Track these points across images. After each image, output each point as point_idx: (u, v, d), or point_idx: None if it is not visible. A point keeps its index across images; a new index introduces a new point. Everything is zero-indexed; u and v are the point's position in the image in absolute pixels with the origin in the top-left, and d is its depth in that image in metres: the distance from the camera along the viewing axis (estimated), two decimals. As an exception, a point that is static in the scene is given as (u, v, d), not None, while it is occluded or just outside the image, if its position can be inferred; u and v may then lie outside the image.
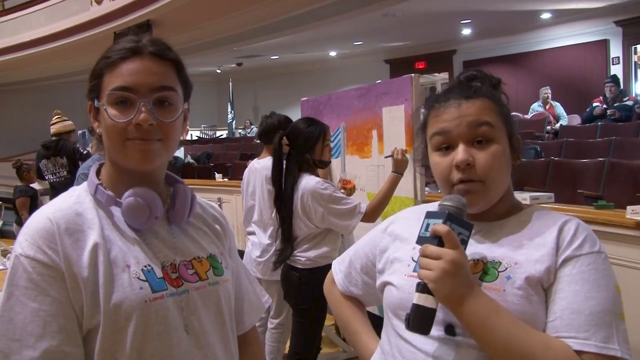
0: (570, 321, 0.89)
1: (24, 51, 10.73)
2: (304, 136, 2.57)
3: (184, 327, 0.95)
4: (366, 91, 3.09)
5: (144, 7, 8.37)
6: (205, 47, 10.56)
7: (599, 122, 6.83)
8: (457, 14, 10.27)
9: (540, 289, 0.94)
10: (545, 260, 0.94)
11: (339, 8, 8.19)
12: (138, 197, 0.94)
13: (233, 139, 12.50)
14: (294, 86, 14.51)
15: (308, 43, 12.24)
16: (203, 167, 8.01)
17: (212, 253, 1.05)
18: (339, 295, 1.26)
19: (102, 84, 0.96)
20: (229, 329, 1.04)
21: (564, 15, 10.57)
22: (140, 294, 0.91)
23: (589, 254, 0.94)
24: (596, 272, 0.92)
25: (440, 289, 0.90)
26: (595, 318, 0.89)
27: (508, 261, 0.96)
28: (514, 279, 0.94)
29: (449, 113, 1.01)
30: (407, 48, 13.28)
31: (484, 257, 0.99)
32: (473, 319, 0.90)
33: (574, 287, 0.92)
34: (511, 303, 0.92)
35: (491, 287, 0.94)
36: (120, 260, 0.92)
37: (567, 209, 3.04)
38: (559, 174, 4.44)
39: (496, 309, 0.90)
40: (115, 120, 0.94)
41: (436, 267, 0.90)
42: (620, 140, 5.33)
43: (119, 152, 0.96)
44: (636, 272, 2.59)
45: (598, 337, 0.88)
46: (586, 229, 0.98)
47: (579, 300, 0.90)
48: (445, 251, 0.91)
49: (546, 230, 0.98)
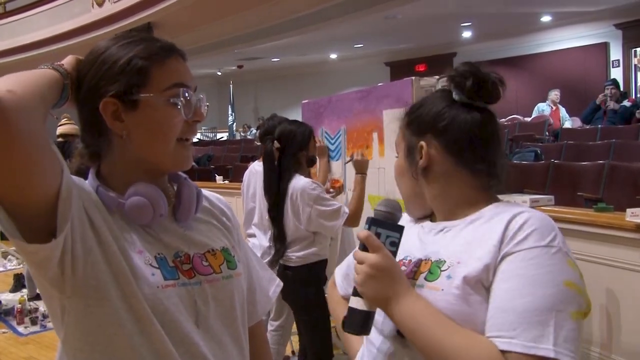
0: (500, 320, 0.86)
1: (25, 53, 10.74)
2: (300, 135, 2.65)
3: (194, 319, 0.93)
4: (367, 94, 3.10)
5: (145, 9, 8.39)
6: (206, 49, 10.59)
7: (599, 124, 6.84)
8: (457, 16, 10.29)
9: (481, 288, 0.90)
10: (485, 258, 0.91)
11: (340, 10, 8.21)
12: (141, 196, 0.92)
13: (233, 141, 12.49)
14: (295, 88, 14.53)
15: (309, 45, 12.27)
16: (203, 169, 8.00)
17: (225, 246, 1.04)
18: (337, 296, 1.29)
19: (149, 80, 0.91)
20: (239, 324, 1.02)
21: (564, 18, 10.59)
22: (152, 279, 0.89)
23: (530, 249, 0.88)
24: (537, 268, 0.87)
25: (366, 291, 0.94)
26: (526, 315, 0.84)
27: (452, 260, 0.95)
28: (453, 278, 0.92)
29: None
30: (408, 51, 13.30)
31: (433, 256, 0.99)
32: (400, 319, 0.92)
33: (507, 284, 0.87)
34: (447, 302, 0.91)
35: (432, 286, 0.95)
36: (131, 246, 0.90)
37: (566, 212, 3.04)
38: (559, 177, 4.44)
39: (421, 308, 0.91)
40: (174, 116, 0.92)
41: (360, 271, 0.94)
42: (620, 142, 5.32)
43: (164, 150, 0.93)
44: (636, 275, 2.59)
45: (527, 336, 0.82)
46: (536, 223, 0.91)
47: (510, 298, 0.86)
48: (366, 256, 0.94)
49: (495, 226, 0.93)
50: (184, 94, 0.93)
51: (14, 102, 0.71)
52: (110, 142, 0.94)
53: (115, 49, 0.93)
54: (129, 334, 0.86)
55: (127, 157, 0.94)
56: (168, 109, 0.92)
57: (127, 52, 0.92)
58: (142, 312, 0.86)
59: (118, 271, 0.86)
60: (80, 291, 0.84)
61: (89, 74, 0.92)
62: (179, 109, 0.92)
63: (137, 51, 0.92)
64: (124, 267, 0.87)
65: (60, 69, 0.88)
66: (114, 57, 0.91)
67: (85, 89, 0.92)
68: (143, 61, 0.91)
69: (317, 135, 3.38)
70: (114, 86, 0.90)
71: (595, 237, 2.78)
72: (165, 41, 0.96)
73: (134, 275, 0.87)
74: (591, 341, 2.78)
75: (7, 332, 4.62)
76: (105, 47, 0.94)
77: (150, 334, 0.87)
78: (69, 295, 0.85)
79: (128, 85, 0.90)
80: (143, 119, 0.91)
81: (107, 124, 0.91)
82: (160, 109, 0.91)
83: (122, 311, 0.86)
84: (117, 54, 0.92)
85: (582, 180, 4.24)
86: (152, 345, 0.87)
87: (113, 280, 0.86)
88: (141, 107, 0.91)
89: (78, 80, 0.92)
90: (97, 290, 0.85)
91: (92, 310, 0.85)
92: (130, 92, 0.90)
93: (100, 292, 0.85)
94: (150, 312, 0.87)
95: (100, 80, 0.91)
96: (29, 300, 4.96)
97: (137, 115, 0.91)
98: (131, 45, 0.93)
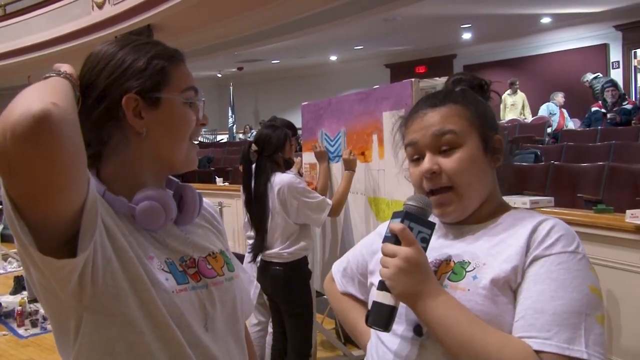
0: (533, 320, 0.87)
1: (26, 55, 10.76)
2: (276, 138, 2.83)
3: (204, 322, 0.93)
4: (366, 95, 3.10)
5: (145, 11, 8.41)
6: (206, 51, 10.60)
7: (598, 125, 6.86)
8: (457, 18, 10.30)
9: (508, 290, 0.92)
10: (513, 260, 0.92)
11: (340, 13, 8.22)
12: (153, 200, 0.92)
13: (234, 143, 12.49)
14: (295, 90, 14.53)
15: (309, 47, 12.28)
16: (204, 171, 8.00)
17: (222, 249, 1.05)
18: (338, 293, 1.28)
19: (170, 80, 0.94)
20: (241, 325, 1.04)
21: (564, 20, 10.60)
22: (167, 285, 0.89)
23: (560, 254, 0.91)
24: (566, 272, 0.89)
25: (395, 285, 0.92)
26: (559, 318, 0.85)
27: (477, 261, 0.96)
28: (479, 278, 0.93)
29: (416, 124, 1.04)
30: (408, 52, 13.31)
31: (456, 257, 0.99)
32: (430, 316, 0.91)
33: (539, 286, 0.89)
34: (475, 303, 0.91)
35: (457, 286, 0.95)
36: (143, 252, 0.90)
37: (566, 213, 3.04)
38: (559, 178, 4.44)
39: (454, 306, 0.90)
40: (191, 117, 0.96)
41: (391, 264, 0.92)
42: (620, 144, 5.33)
43: (179, 149, 0.96)
44: (636, 276, 2.59)
45: (561, 338, 0.84)
46: (562, 230, 0.94)
47: (543, 300, 0.87)
48: (399, 249, 0.92)
49: (521, 230, 0.96)
50: (199, 96, 0.97)
51: (60, 116, 0.69)
52: (119, 142, 0.93)
53: (128, 50, 0.93)
54: (148, 341, 0.86)
55: (140, 156, 0.94)
56: (186, 109, 0.95)
57: (144, 52, 0.93)
58: (161, 318, 0.86)
59: (135, 278, 0.85)
60: (99, 301, 0.83)
61: (102, 74, 0.91)
62: (194, 110, 0.96)
63: (155, 52, 0.94)
64: (142, 274, 0.86)
65: (68, 77, 0.86)
66: (131, 56, 0.92)
67: (100, 88, 0.91)
68: (163, 62, 0.93)
69: (317, 138, 3.39)
70: (137, 83, 0.91)
71: (595, 239, 2.78)
72: (167, 46, 0.98)
73: (150, 281, 0.87)
74: (591, 343, 2.77)
75: (7, 334, 4.62)
76: (114, 50, 0.93)
77: (168, 339, 0.87)
78: (87, 305, 0.83)
79: (153, 83, 0.91)
80: (164, 117, 0.93)
81: (119, 122, 0.91)
82: (180, 108, 0.94)
83: (140, 318, 0.85)
84: (133, 54, 0.92)
85: (582, 182, 4.24)
86: (170, 350, 0.88)
87: (130, 287, 0.85)
88: (163, 105, 0.93)
89: (86, 85, 0.92)
90: (116, 299, 0.84)
91: (112, 319, 0.84)
92: (153, 90, 0.92)
93: (120, 301, 0.84)
94: (169, 318, 0.87)
95: (120, 78, 0.91)
96: (30, 303, 4.95)
97: (158, 113, 0.92)
98: (141, 47, 0.94)
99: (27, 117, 0.66)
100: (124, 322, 0.85)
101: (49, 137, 0.67)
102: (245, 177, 2.88)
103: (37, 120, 0.66)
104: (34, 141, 0.67)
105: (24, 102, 0.68)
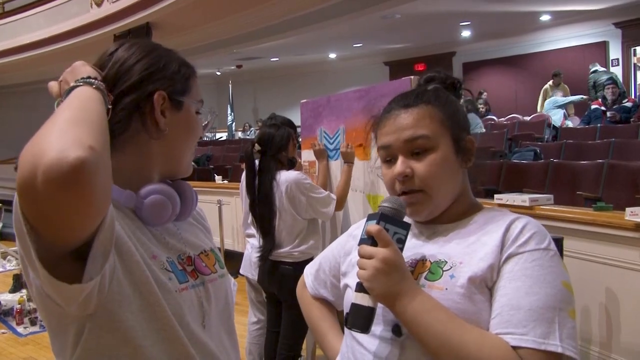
0: (509, 317, 0.89)
1: (24, 53, 10.73)
2: (279, 137, 2.83)
3: (201, 319, 0.94)
4: (365, 93, 3.10)
5: (144, 9, 8.38)
6: (205, 49, 10.57)
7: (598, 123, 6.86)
8: (456, 15, 10.29)
9: (485, 288, 0.93)
10: (489, 258, 0.94)
11: (339, 10, 8.20)
12: (160, 194, 0.93)
13: (233, 141, 12.48)
14: (294, 88, 14.53)
15: (308, 45, 12.27)
16: (203, 169, 7.99)
17: (212, 247, 1.07)
18: (309, 297, 1.27)
19: (191, 88, 1.01)
20: (232, 320, 1.05)
21: (564, 17, 10.59)
22: (170, 285, 0.89)
23: (533, 251, 0.93)
24: (540, 269, 0.91)
25: (374, 287, 0.92)
26: (535, 313, 0.88)
27: (454, 260, 0.97)
28: (457, 277, 0.94)
29: (389, 126, 1.05)
30: (407, 50, 13.30)
31: (431, 257, 1.00)
32: (408, 316, 0.91)
33: (514, 283, 0.91)
34: (452, 301, 0.92)
35: (434, 285, 0.95)
36: (146, 251, 0.90)
37: (566, 211, 3.04)
38: (558, 176, 4.44)
39: (432, 306, 0.91)
40: (200, 125, 1.03)
41: (369, 266, 0.92)
42: (620, 142, 5.33)
43: (187, 153, 1.02)
44: (635, 274, 2.59)
45: (537, 333, 0.86)
46: (535, 227, 0.96)
47: (518, 296, 0.89)
48: (377, 250, 0.93)
49: (495, 229, 0.98)
50: (210, 111, 1.06)
51: (96, 164, 0.66)
52: (136, 134, 0.94)
53: (161, 51, 0.98)
54: (152, 344, 0.85)
55: (154, 152, 0.96)
56: (197, 118, 1.02)
57: (175, 58, 0.99)
58: (166, 320, 0.86)
59: (141, 282, 0.85)
60: (104, 308, 0.81)
61: (137, 66, 0.93)
62: (202, 121, 1.04)
63: (183, 61, 1.01)
64: (148, 277, 0.86)
65: (101, 87, 0.84)
66: (165, 59, 0.97)
67: (134, 79, 0.92)
68: (190, 71, 1.01)
69: (316, 135, 3.38)
70: (169, 83, 0.96)
71: (595, 236, 2.78)
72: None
73: (156, 283, 0.87)
74: (591, 340, 2.77)
75: (6, 332, 4.62)
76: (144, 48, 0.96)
77: (172, 340, 0.87)
78: (91, 312, 0.81)
79: (181, 87, 0.98)
80: (183, 120, 0.98)
81: (143, 115, 0.93)
82: (194, 116, 1.01)
83: (145, 322, 0.85)
84: (165, 57, 0.98)
85: (581, 180, 4.24)
86: (174, 351, 0.88)
87: (135, 291, 0.84)
88: (184, 109, 0.98)
89: (115, 74, 0.92)
90: (120, 305, 0.83)
91: (117, 325, 0.83)
92: (179, 93, 0.98)
93: (123, 306, 0.83)
94: (173, 319, 0.87)
95: (155, 74, 0.95)
96: (29, 301, 4.95)
97: (179, 116, 0.98)
98: (169, 52, 1.00)
99: (63, 164, 0.63)
100: (128, 328, 0.84)
101: (83, 186, 0.65)
102: (249, 177, 2.86)
103: (73, 170, 0.64)
104: (67, 189, 0.64)
105: (59, 142, 0.66)
